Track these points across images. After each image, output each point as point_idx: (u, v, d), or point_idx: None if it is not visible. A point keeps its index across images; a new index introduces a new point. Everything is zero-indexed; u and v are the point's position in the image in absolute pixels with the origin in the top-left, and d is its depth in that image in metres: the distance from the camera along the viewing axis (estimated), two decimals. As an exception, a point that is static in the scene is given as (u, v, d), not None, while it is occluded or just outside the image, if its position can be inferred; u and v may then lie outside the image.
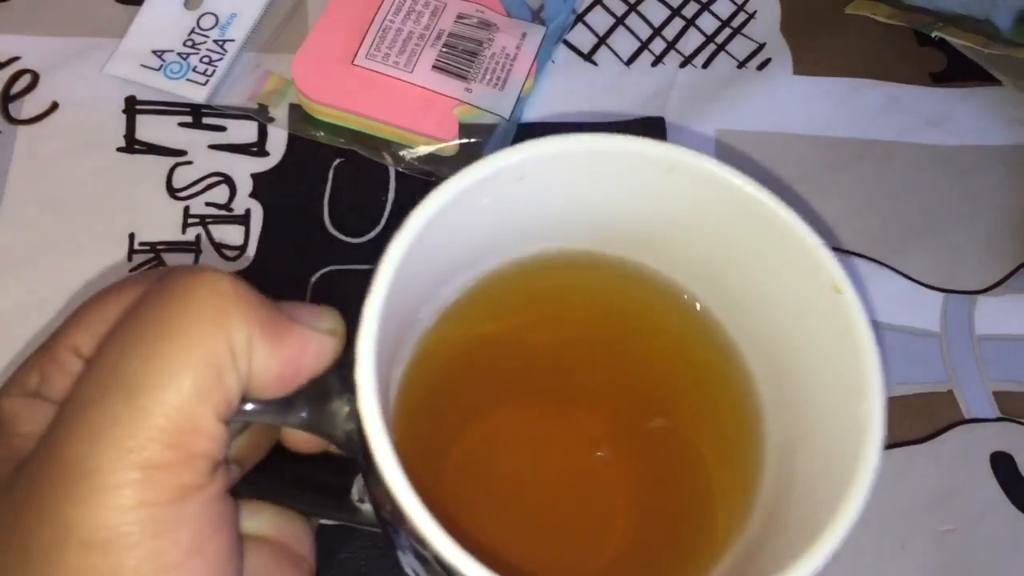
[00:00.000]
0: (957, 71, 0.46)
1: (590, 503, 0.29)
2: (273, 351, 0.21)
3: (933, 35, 0.42)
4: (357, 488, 0.28)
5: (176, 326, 0.20)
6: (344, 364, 0.22)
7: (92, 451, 0.18)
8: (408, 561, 0.24)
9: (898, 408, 0.38)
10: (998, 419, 0.38)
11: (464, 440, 0.29)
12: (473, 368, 0.30)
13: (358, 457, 0.23)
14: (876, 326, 0.38)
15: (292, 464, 0.27)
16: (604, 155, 0.26)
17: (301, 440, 0.25)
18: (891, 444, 0.37)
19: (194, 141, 0.40)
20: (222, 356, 0.20)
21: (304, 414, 0.23)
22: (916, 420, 0.38)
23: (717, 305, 0.29)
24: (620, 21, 0.45)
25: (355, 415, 0.21)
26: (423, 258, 0.24)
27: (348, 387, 0.21)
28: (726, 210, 0.26)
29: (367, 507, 0.28)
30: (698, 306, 0.30)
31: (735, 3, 0.47)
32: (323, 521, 0.33)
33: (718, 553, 0.26)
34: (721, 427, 0.29)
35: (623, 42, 0.45)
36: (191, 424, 0.19)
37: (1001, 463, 0.37)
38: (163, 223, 0.38)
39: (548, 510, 0.28)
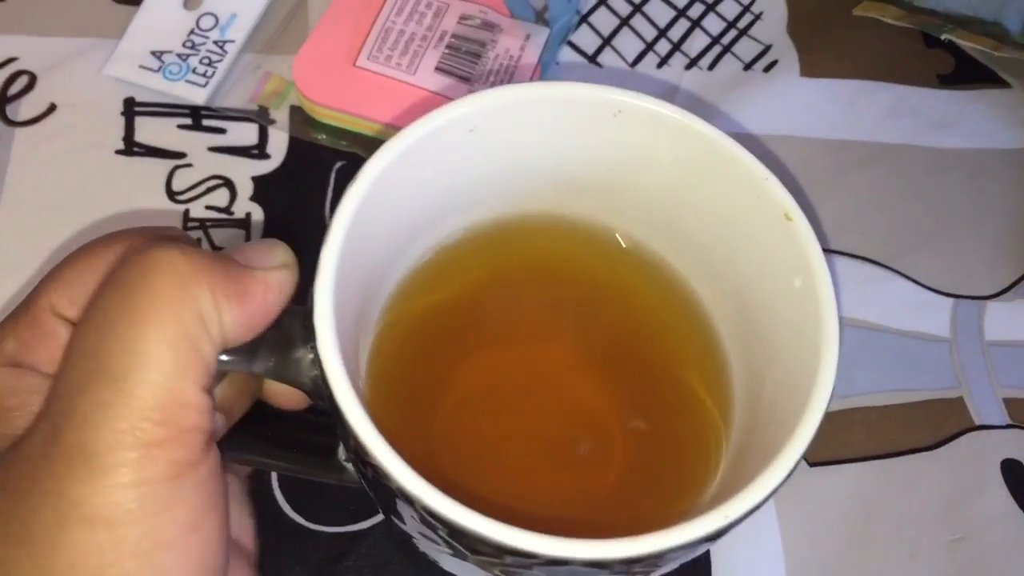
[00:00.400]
0: (965, 73, 0.45)
1: (576, 447, 0.29)
2: (240, 305, 0.22)
3: (943, 37, 0.42)
4: (342, 448, 0.28)
5: (147, 309, 0.20)
6: (306, 314, 0.23)
7: (89, 437, 0.19)
8: (404, 526, 0.24)
9: (907, 415, 0.37)
10: (1008, 426, 0.37)
11: (444, 399, 0.29)
12: (445, 328, 0.30)
13: (325, 402, 0.23)
14: (885, 330, 0.38)
15: (278, 424, 0.28)
16: (551, 102, 0.27)
17: (282, 394, 0.26)
18: (900, 451, 0.36)
19: (194, 143, 0.40)
20: (194, 328, 0.21)
21: (271, 363, 0.24)
22: (925, 427, 0.37)
23: (674, 249, 0.30)
24: (625, 22, 0.45)
25: (318, 362, 0.22)
26: (381, 211, 0.25)
27: (311, 335, 0.22)
28: (675, 149, 0.27)
29: (352, 467, 0.28)
30: (656, 253, 0.30)
31: (741, 4, 0.46)
32: (326, 529, 0.33)
33: (707, 482, 0.27)
34: (689, 369, 0.30)
35: (628, 43, 0.44)
36: (177, 399, 0.20)
37: (1011, 470, 0.36)
38: (163, 226, 0.38)
39: (539, 459, 0.29)
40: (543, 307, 0.31)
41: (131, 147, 0.39)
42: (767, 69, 0.44)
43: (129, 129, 0.40)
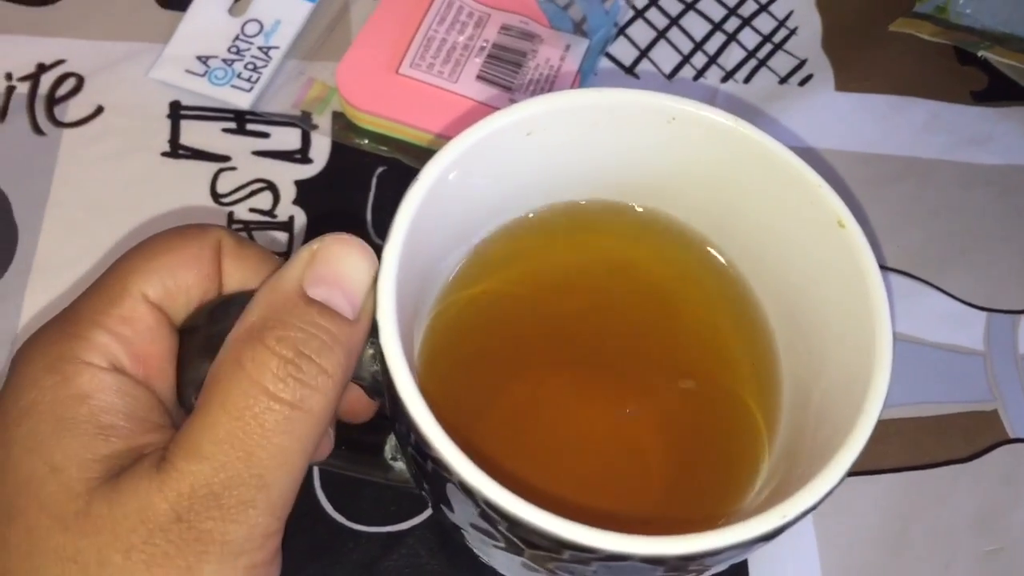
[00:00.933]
0: (998, 90, 0.46)
1: (625, 444, 0.29)
2: (353, 368, 0.24)
3: (979, 54, 0.42)
4: (390, 446, 0.29)
5: (297, 431, 0.22)
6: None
7: (227, 529, 0.21)
8: (454, 517, 0.25)
9: (942, 427, 0.37)
10: (1042, 439, 0.38)
11: (494, 393, 0.29)
12: (497, 322, 0.30)
13: (384, 398, 0.24)
14: (920, 343, 0.39)
15: None
16: (607, 108, 0.27)
17: (356, 407, 0.27)
18: (935, 463, 0.37)
19: (238, 147, 0.40)
20: (319, 438, 0.23)
21: None
22: (960, 439, 0.37)
23: (728, 250, 0.31)
24: (662, 35, 0.45)
25: (379, 355, 0.23)
26: (439, 210, 0.26)
27: (373, 332, 0.23)
28: (729, 156, 0.28)
29: (400, 464, 0.29)
30: (711, 252, 0.31)
31: (776, 19, 0.47)
32: (367, 528, 0.33)
33: (751, 484, 0.27)
34: (740, 370, 0.30)
35: (665, 55, 0.45)
36: (292, 500, 0.22)
37: (1046, 484, 0.37)
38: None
39: (588, 456, 0.29)
40: (596, 305, 0.31)
41: (176, 150, 0.40)
42: (802, 83, 0.45)
43: (175, 132, 0.40)
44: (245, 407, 0.21)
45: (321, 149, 0.41)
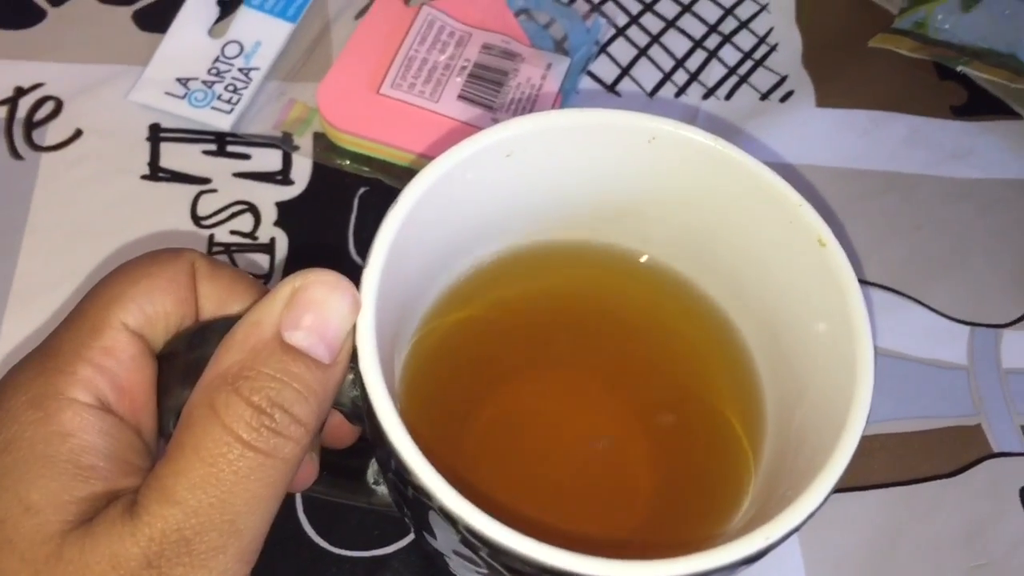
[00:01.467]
0: (978, 105, 0.46)
1: (608, 469, 0.29)
2: (327, 411, 0.23)
3: (959, 69, 0.42)
4: (372, 471, 0.29)
5: (272, 479, 0.22)
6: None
7: (195, 573, 0.21)
8: (436, 543, 0.24)
9: (926, 442, 0.37)
10: (1027, 453, 0.38)
11: (475, 419, 0.29)
12: (479, 348, 0.30)
13: (364, 423, 0.24)
14: (903, 358, 0.39)
15: None
16: (587, 128, 0.27)
17: (339, 432, 0.27)
18: (920, 479, 0.37)
19: (218, 169, 0.40)
20: (288, 483, 0.23)
21: None
22: (945, 454, 0.37)
23: (707, 274, 0.31)
24: (643, 52, 0.46)
25: (358, 381, 0.23)
26: (420, 234, 0.25)
27: (352, 357, 0.23)
28: (709, 175, 0.28)
29: (382, 489, 0.29)
30: (689, 278, 0.31)
31: (757, 35, 0.47)
32: (350, 553, 0.33)
33: (736, 506, 0.27)
34: (723, 391, 0.30)
35: (646, 73, 0.45)
36: (262, 541, 0.22)
37: (1031, 498, 0.37)
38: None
39: (572, 480, 0.29)
40: (575, 329, 0.31)
41: (156, 172, 0.40)
42: (783, 99, 0.45)
43: (154, 155, 0.40)
44: (219, 454, 0.21)
45: (302, 170, 0.41)
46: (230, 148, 0.41)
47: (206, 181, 0.40)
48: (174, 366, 0.24)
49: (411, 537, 0.33)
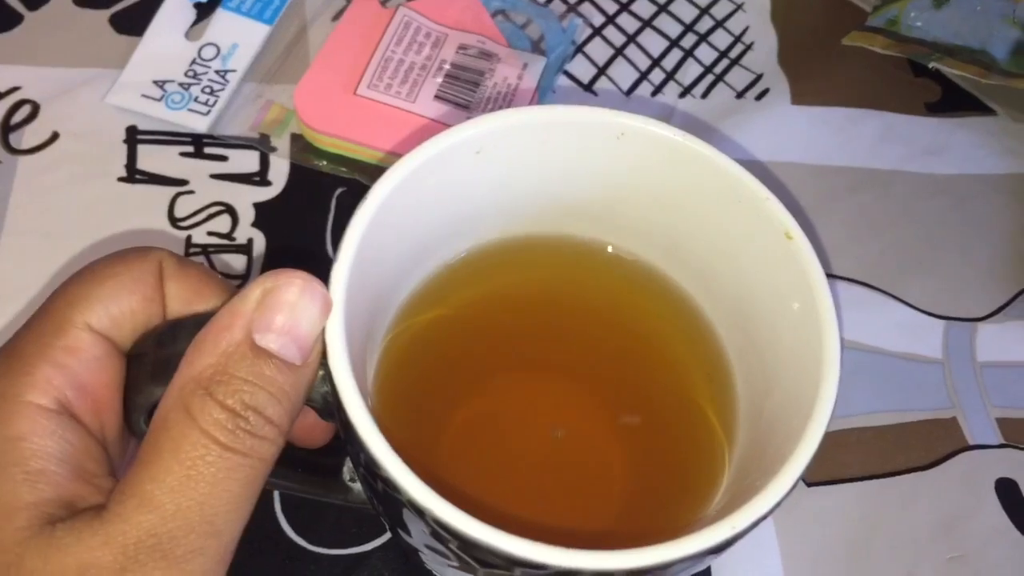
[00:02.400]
0: (952, 101, 0.46)
1: (582, 461, 0.29)
2: (298, 410, 0.23)
3: (931, 66, 0.43)
4: (348, 468, 0.29)
5: (247, 478, 0.22)
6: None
7: None
8: (409, 538, 0.25)
9: (902, 435, 0.38)
10: (1001, 446, 0.38)
11: (449, 415, 0.29)
12: (451, 346, 0.30)
13: (336, 420, 0.24)
14: (879, 352, 0.39)
15: (285, 447, 0.27)
16: (556, 125, 0.28)
17: (312, 433, 0.27)
18: (896, 471, 0.37)
19: (196, 171, 0.40)
20: (263, 482, 0.23)
21: None
22: (920, 447, 0.37)
23: (677, 268, 0.31)
24: (619, 52, 0.46)
25: (328, 377, 0.23)
26: (389, 232, 0.26)
27: (322, 353, 0.23)
28: (677, 170, 0.28)
29: (358, 486, 0.29)
30: (659, 271, 0.31)
31: (732, 34, 0.47)
32: (328, 551, 0.33)
33: (712, 492, 0.28)
34: (696, 382, 0.30)
35: (623, 72, 0.45)
36: (238, 540, 0.23)
37: (1006, 489, 0.37)
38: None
39: (547, 473, 0.29)
40: (548, 325, 0.31)
41: (133, 175, 0.40)
42: (759, 97, 0.45)
43: (131, 157, 0.40)
44: (197, 457, 0.21)
45: (280, 171, 0.41)
46: (207, 150, 0.41)
47: (183, 183, 0.40)
48: (143, 364, 0.24)
49: (389, 535, 0.33)
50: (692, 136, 0.27)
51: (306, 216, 0.40)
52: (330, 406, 0.24)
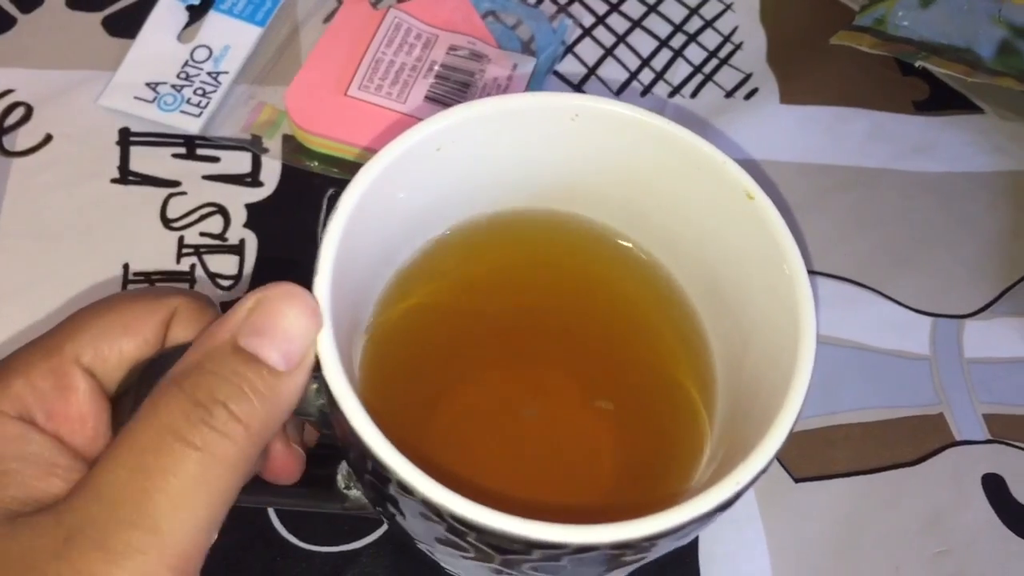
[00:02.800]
0: (940, 100, 0.47)
1: (575, 441, 0.30)
2: (280, 420, 0.23)
3: (917, 64, 0.43)
4: (342, 475, 0.29)
5: (200, 475, 0.21)
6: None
7: (114, 573, 0.20)
8: (418, 536, 0.25)
9: (889, 431, 0.38)
10: (988, 441, 0.38)
11: (435, 402, 0.30)
12: (431, 333, 0.31)
13: (333, 430, 0.24)
14: (866, 349, 0.39)
15: None
16: (511, 113, 0.28)
17: (282, 472, 0.27)
18: (883, 467, 0.37)
19: (188, 172, 0.40)
20: (234, 490, 0.22)
21: None
22: (908, 443, 0.38)
23: (646, 241, 0.31)
24: (609, 52, 0.46)
25: (324, 390, 0.23)
26: (363, 235, 0.26)
27: (315, 366, 0.23)
28: (634, 145, 0.28)
29: (355, 492, 0.29)
30: (629, 246, 0.31)
31: (722, 34, 0.47)
32: (319, 548, 0.33)
33: (696, 461, 0.28)
34: (672, 356, 0.30)
35: (612, 72, 0.46)
36: (197, 552, 0.21)
37: (992, 484, 0.37)
38: (157, 253, 0.38)
39: (538, 453, 0.29)
40: (524, 306, 0.32)
41: (126, 176, 0.40)
42: (748, 97, 0.46)
43: (124, 158, 0.40)
44: (148, 448, 0.21)
45: (272, 172, 0.41)
46: (199, 151, 0.41)
47: (176, 184, 0.40)
48: (125, 403, 0.24)
49: (380, 532, 0.34)
50: (644, 110, 0.28)
51: (298, 217, 0.40)
52: (327, 419, 0.24)
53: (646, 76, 0.46)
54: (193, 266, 0.38)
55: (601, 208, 0.31)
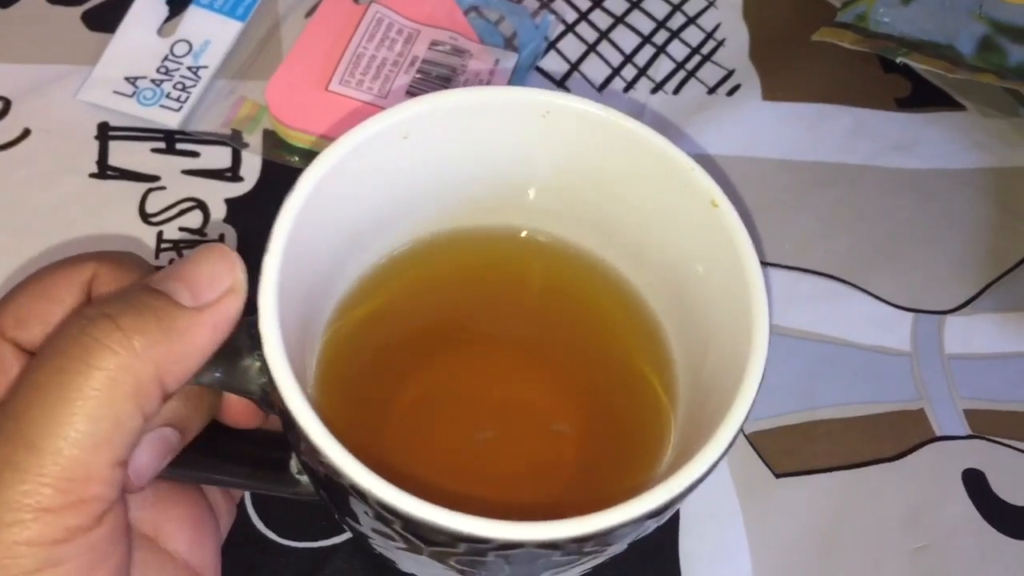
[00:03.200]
0: (922, 97, 0.47)
1: (531, 437, 0.30)
2: (185, 362, 0.22)
3: (898, 61, 0.43)
4: (295, 461, 0.28)
5: (80, 387, 0.21)
6: (252, 323, 0.23)
7: None
8: (358, 525, 0.24)
9: (870, 426, 0.38)
10: (968, 436, 0.38)
11: (396, 401, 0.30)
12: (392, 333, 0.30)
13: (275, 409, 0.24)
14: (847, 345, 0.39)
15: (229, 441, 0.28)
16: (481, 107, 0.28)
17: (236, 410, 0.27)
18: (864, 462, 0.37)
19: (167, 166, 0.40)
20: (123, 405, 0.21)
21: (218, 374, 0.24)
22: (888, 438, 0.38)
23: (611, 243, 0.31)
24: (592, 48, 0.46)
25: (266, 368, 0.23)
26: (323, 220, 0.26)
27: (257, 344, 0.23)
28: (605, 145, 0.28)
29: (306, 478, 0.28)
30: (592, 248, 0.31)
31: (704, 31, 0.47)
32: (298, 544, 0.33)
33: (660, 453, 0.28)
34: (634, 352, 0.30)
35: (595, 68, 0.46)
36: (85, 472, 0.21)
37: (972, 479, 0.37)
38: (136, 248, 0.38)
39: (499, 451, 0.29)
40: (488, 309, 0.32)
41: (105, 171, 0.40)
42: (730, 93, 0.46)
43: (103, 153, 0.40)
44: (36, 365, 0.21)
45: (252, 167, 0.41)
46: (179, 146, 0.41)
47: (155, 179, 0.40)
48: None
49: (359, 527, 0.34)
50: (617, 111, 0.27)
51: (277, 211, 0.40)
52: (269, 396, 0.24)
53: (628, 72, 0.46)
54: (172, 261, 0.38)
55: (568, 208, 0.31)
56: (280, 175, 0.41)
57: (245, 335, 0.24)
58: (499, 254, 0.32)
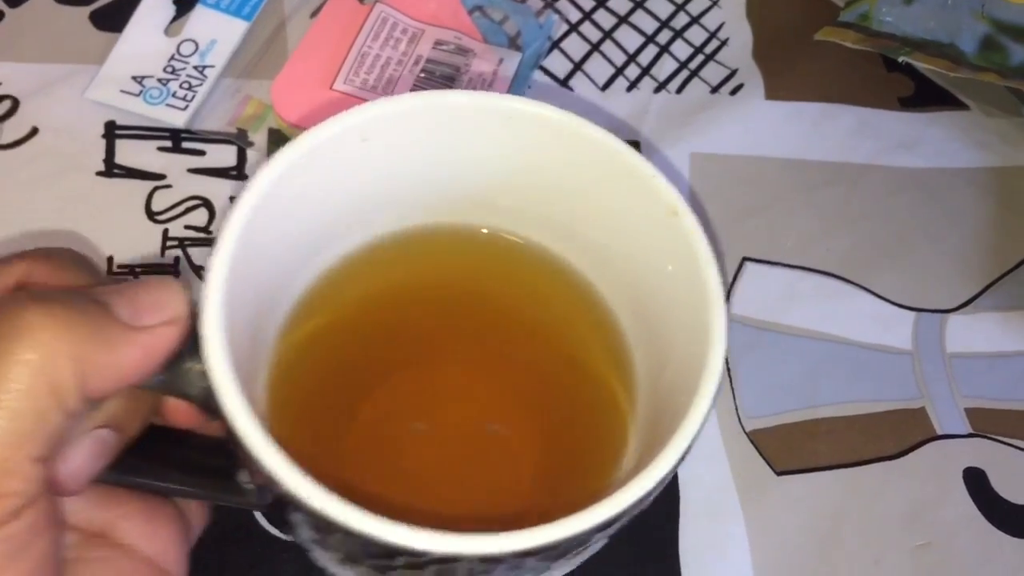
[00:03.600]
0: (925, 96, 0.47)
1: (490, 446, 0.29)
2: (112, 371, 0.22)
3: (900, 60, 0.43)
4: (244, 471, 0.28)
5: None
6: (195, 326, 0.23)
7: None
8: (300, 537, 0.24)
9: (871, 424, 0.38)
10: (970, 435, 0.38)
11: (352, 413, 0.29)
12: (349, 343, 0.30)
13: (217, 415, 0.23)
14: (849, 343, 0.39)
15: (175, 448, 0.27)
16: (441, 110, 0.27)
17: (177, 411, 0.26)
18: (864, 460, 0.37)
19: (173, 165, 0.41)
20: (44, 400, 0.21)
21: (160, 376, 0.23)
22: (889, 437, 0.38)
23: (572, 249, 0.31)
24: (595, 48, 0.46)
25: (208, 372, 0.22)
26: (276, 223, 0.25)
27: (200, 347, 0.22)
28: (566, 151, 0.28)
29: (253, 487, 0.27)
30: (554, 254, 0.31)
31: (708, 30, 0.48)
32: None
33: (618, 458, 0.28)
34: (595, 359, 0.30)
35: (598, 68, 0.46)
36: (1, 466, 0.20)
37: (974, 478, 0.37)
38: (142, 246, 0.39)
39: (455, 462, 0.29)
40: (447, 315, 0.31)
41: (112, 169, 0.40)
42: (733, 92, 0.46)
43: (110, 151, 0.41)
44: None
45: (257, 166, 0.41)
46: (185, 144, 0.41)
47: (161, 177, 0.40)
48: None
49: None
50: (579, 117, 0.27)
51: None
52: (211, 401, 0.23)
53: (632, 72, 0.46)
54: (177, 259, 0.38)
55: (528, 212, 0.30)
56: (285, 173, 0.41)
57: (188, 338, 0.23)
58: (460, 257, 0.32)
